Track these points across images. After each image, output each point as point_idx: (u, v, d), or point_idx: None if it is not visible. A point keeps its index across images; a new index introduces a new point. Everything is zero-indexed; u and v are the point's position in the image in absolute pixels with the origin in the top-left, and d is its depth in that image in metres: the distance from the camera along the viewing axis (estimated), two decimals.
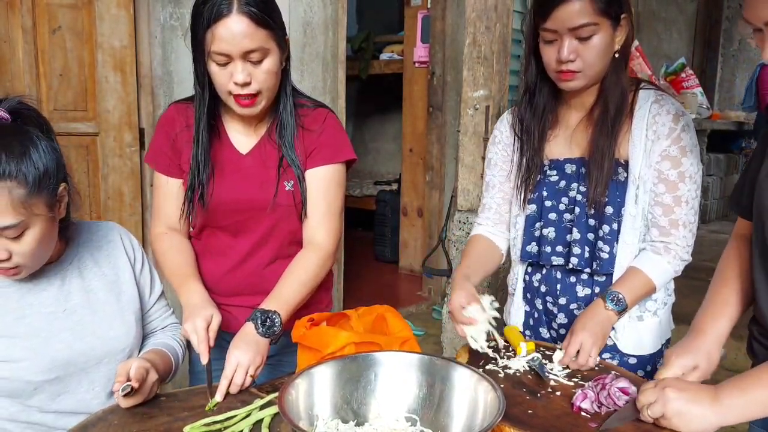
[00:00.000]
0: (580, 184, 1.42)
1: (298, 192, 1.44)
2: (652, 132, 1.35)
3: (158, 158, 1.48)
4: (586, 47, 1.29)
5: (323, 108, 1.50)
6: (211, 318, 1.30)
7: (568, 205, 1.44)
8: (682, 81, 6.18)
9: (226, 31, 1.27)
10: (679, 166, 1.34)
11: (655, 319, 1.43)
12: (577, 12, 1.26)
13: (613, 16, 1.30)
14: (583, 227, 1.41)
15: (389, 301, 1.62)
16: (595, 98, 1.40)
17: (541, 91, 1.45)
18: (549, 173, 1.47)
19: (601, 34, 1.29)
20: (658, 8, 6.19)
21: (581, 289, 1.44)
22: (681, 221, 1.35)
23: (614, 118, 1.36)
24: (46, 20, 2.42)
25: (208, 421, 1.11)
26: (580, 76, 1.32)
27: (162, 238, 1.48)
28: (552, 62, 1.33)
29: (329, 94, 3.18)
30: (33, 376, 1.18)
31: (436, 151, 4.38)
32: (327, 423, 1.07)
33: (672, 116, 1.35)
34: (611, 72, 1.36)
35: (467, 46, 2.89)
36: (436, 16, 4.21)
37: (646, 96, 1.39)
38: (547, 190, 1.46)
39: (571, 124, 1.46)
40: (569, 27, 1.28)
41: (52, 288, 1.24)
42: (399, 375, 1.13)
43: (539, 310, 1.53)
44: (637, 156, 1.36)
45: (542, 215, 1.47)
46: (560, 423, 1.08)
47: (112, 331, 1.28)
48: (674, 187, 1.35)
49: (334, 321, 1.36)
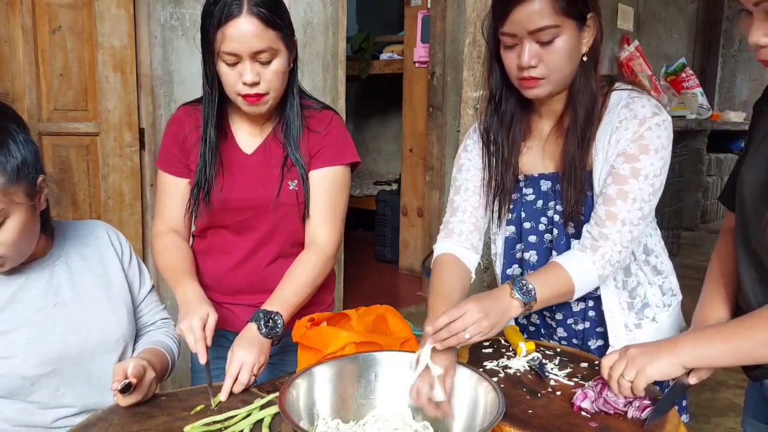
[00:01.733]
0: (556, 203, 1.33)
1: (302, 192, 1.45)
2: (614, 137, 1.24)
3: (168, 160, 1.49)
4: (548, 51, 1.19)
5: (329, 110, 1.51)
6: (207, 316, 1.30)
7: (547, 225, 1.36)
8: (682, 81, 6.18)
9: (236, 31, 1.28)
10: (634, 162, 1.22)
11: (654, 324, 1.38)
12: (537, 13, 1.15)
13: (577, 15, 1.19)
14: (563, 248, 1.32)
15: (389, 301, 1.62)
16: (565, 105, 1.30)
17: (508, 99, 1.33)
18: (525, 191, 1.38)
19: (564, 36, 1.18)
20: (658, 8, 6.18)
21: (575, 304, 1.39)
22: (621, 216, 1.22)
23: (584, 127, 1.25)
24: (46, 20, 2.42)
25: (208, 421, 1.11)
26: (543, 83, 1.22)
27: (162, 237, 1.49)
28: (513, 68, 1.23)
29: (329, 94, 3.18)
30: (28, 371, 1.19)
31: (436, 151, 4.38)
32: (327, 423, 1.07)
33: (638, 120, 1.22)
34: (580, 76, 1.25)
35: (467, 46, 2.89)
36: (436, 16, 4.21)
37: (617, 99, 1.27)
38: (524, 210, 1.38)
39: (543, 136, 1.35)
40: (529, 30, 1.17)
41: (40, 284, 1.26)
42: (399, 375, 1.14)
43: (536, 325, 1.48)
44: (599, 164, 1.26)
45: (522, 237, 1.39)
46: (560, 423, 1.07)
47: (105, 322, 1.30)
48: (623, 180, 1.22)
49: (335, 321, 1.37)
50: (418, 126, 4.64)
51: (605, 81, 1.31)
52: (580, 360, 1.33)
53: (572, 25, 1.20)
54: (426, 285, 4.43)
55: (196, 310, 1.30)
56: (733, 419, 2.87)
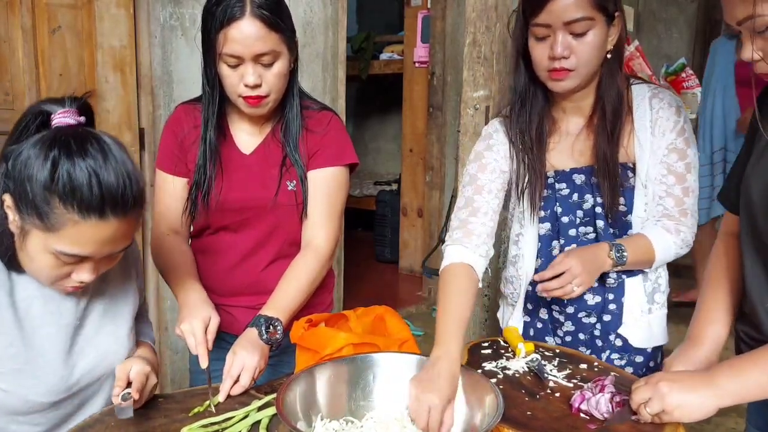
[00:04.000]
0: (595, 195, 1.37)
1: (300, 192, 1.44)
2: (658, 128, 1.33)
3: (167, 159, 1.48)
4: (580, 43, 1.24)
5: (328, 111, 1.51)
6: (209, 319, 1.29)
7: (584, 218, 1.39)
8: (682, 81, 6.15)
9: (238, 33, 1.27)
10: (685, 158, 1.33)
11: (663, 310, 1.43)
12: (574, 4, 1.21)
13: (608, 12, 1.26)
14: (609, 239, 1.35)
15: (389, 302, 1.62)
16: (593, 103, 1.36)
17: (535, 95, 1.39)
18: (558, 186, 1.40)
19: (596, 30, 1.24)
20: (658, 8, 6.18)
21: (591, 297, 1.40)
22: (689, 210, 1.35)
23: (613, 123, 1.33)
24: (45, 20, 2.41)
25: (206, 423, 1.11)
26: (573, 75, 1.27)
27: (163, 239, 1.48)
28: (543, 60, 1.27)
29: (329, 94, 3.17)
30: (47, 398, 1.12)
31: (436, 151, 4.37)
32: (325, 424, 1.07)
33: (674, 109, 1.33)
34: (606, 74, 1.32)
35: (467, 46, 2.89)
36: (436, 16, 4.21)
37: (641, 92, 1.36)
38: (560, 205, 1.39)
39: (571, 132, 1.40)
40: (564, 21, 1.22)
41: (71, 301, 1.16)
42: (397, 376, 1.13)
43: (543, 320, 1.49)
44: (644, 156, 1.34)
45: (560, 232, 1.40)
46: (559, 425, 1.07)
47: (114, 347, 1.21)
48: (682, 178, 1.34)
49: (333, 322, 1.36)
50: (418, 126, 4.64)
51: (624, 79, 1.37)
52: (579, 361, 1.33)
53: (603, 21, 1.25)
54: (426, 285, 4.43)
55: (199, 313, 1.30)
56: (734, 419, 2.86)
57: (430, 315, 4.16)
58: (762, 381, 1.00)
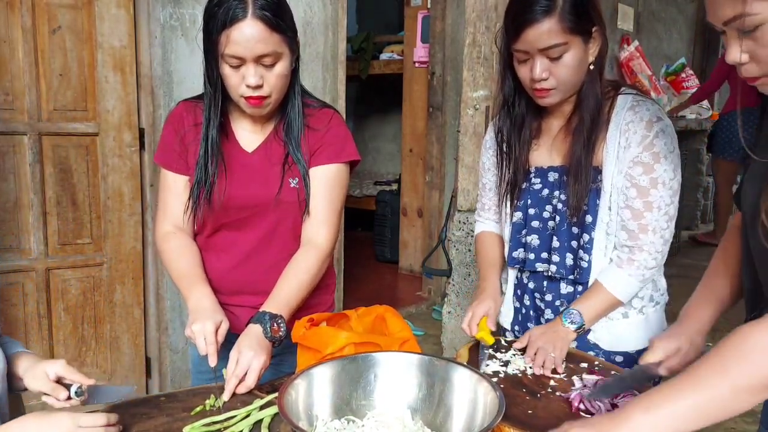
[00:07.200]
0: (561, 192, 1.42)
1: (303, 189, 1.45)
2: (624, 139, 1.35)
3: (167, 155, 1.49)
4: (557, 65, 1.30)
5: (329, 108, 1.51)
6: (220, 323, 1.31)
7: (551, 213, 1.45)
8: (682, 81, 6.17)
9: (240, 35, 1.27)
10: (651, 172, 1.33)
11: (640, 316, 1.45)
12: (546, 33, 1.26)
13: (582, 32, 1.29)
14: (564, 236, 1.42)
15: (389, 302, 1.62)
16: (573, 107, 1.41)
17: (519, 103, 1.45)
18: (533, 181, 1.48)
19: (572, 51, 1.29)
20: (658, 8, 6.18)
21: (564, 287, 1.46)
22: (651, 226, 1.34)
23: (590, 128, 1.36)
24: (45, 20, 2.42)
25: (208, 422, 1.11)
26: (554, 92, 1.33)
27: (169, 237, 1.48)
28: (526, 80, 1.34)
29: (329, 94, 3.18)
30: None
31: (436, 151, 4.37)
32: (326, 423, 1.07)
33: (645, 123, 1.33)
34: (587, 82, 1.36)
35: (467, 46, 2.89)
36: (436, 16, 4.21)
37: (623, 102, 1.38)
38: (531, 198, 1.48)
39: (552, 132, 1.47)
40: (539, 48, 1.28)
41: None
42: (399, 375, 1.13)
43: (527, 306, 1.54)
44: (610, 163, 1.36)
45: (527, 223, 1.49)
46: (560, 423, 1.07)
47: None
48: (645, 192, 1.33)
49: (334, 321, 1.36)
50: (418, 126, 4.64)
51: (611, 86, 1.41)
52: (579, 360, 1.33)
53: (579, 41, 1.30)
54: (426, 285, 4.44)
55: (211, 316, 1.32)
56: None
57: (430, 315, 4.16)
58: (684, 406, 0.92)
